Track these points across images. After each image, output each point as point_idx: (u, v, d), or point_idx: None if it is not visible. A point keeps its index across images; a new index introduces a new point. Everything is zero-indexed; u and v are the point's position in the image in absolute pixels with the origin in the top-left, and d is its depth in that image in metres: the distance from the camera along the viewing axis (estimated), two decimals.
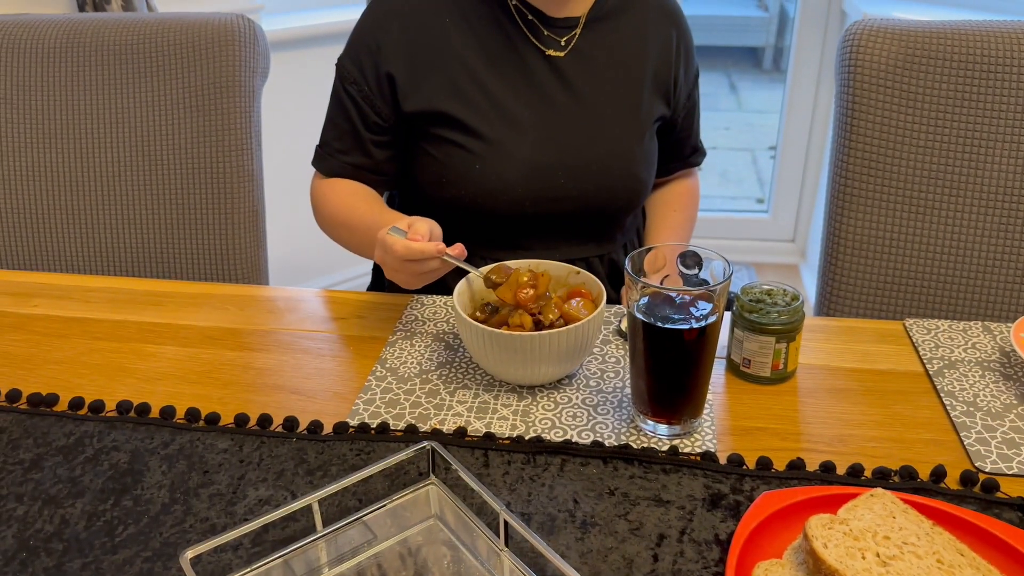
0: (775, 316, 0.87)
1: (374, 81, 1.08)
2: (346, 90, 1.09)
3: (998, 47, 1.07)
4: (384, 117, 1.09)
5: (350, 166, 1.11)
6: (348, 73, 1.09)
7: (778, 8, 5.18)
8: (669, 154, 1.22)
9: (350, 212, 1.09)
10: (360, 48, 1.09)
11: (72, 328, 1.02)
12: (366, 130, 1.09)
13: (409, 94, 1.07)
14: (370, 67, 1.08)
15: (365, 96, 1.08)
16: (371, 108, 1.08)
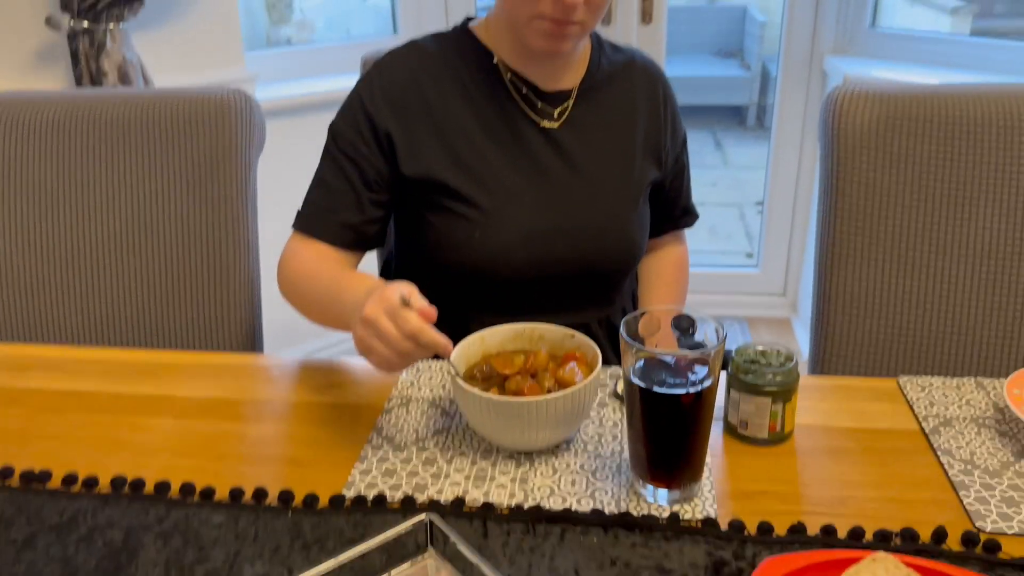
0: (770, 377, 0.88)
1: (372, 141, 1.08)
2: (341, 150, 1.09)
3: (976, 110, 1.10)
4: (382, 175, 1.09)
5: (338, 224, 1.08)
6: (343, 135, 1.09)
7: (760, 68, 5.31)
8: (660, 216, 1.24)
9: (314, 272, 1.05)
10: (357, 110, 1.09)
11: (67, 401, 1.02)
12: (363, 186, 1.08)
13: (407, 159, 1.08)
14: (367, 128, 1.08)
15: (362, 155, 1.08)
16: (368, 165, 1.08)
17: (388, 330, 0.81)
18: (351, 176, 1.09)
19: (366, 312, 0.82)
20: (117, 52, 1.82)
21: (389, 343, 0.81)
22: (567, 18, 0.99)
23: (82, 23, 1.79)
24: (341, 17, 2.73)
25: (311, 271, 1.06)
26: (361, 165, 1.08)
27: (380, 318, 0.81)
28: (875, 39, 2.40)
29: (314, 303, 1.05)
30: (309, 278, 1.06)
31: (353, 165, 1.08)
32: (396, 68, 1.11)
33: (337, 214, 1.09)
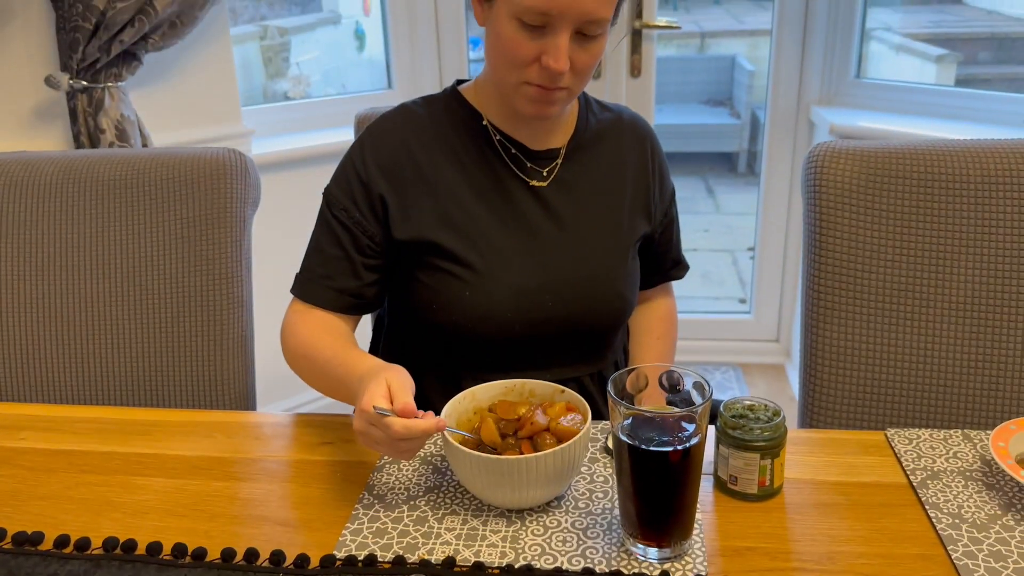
0: (758, 432, 0.89)
1: (366, 205, 1.10)
2: (335, 216, 1.11)
3: (953, 166, 1.13)
4: (376, 241, 1.10)
5: (334, 290, 1.11)
6: (337, 201, 1.11)
7: (749, 115, 5.39)
8: (650, 268, 1.26)
9: (314, 344, 1.07)
10: (350, 175, 1.11)
11: (59, 461, 1.02)
12: (357, 253, 1.10)
13: (400, 223, 1.10)
14: (361, 194, 1.10)
15: (356, 221, 1.10)
16: (361, 232, 1.10)
17: (379, 438, 0.86)
18: (345, 243, 1.10)
19: (355, 427, 0.88)
20: (115, 110, 1.85)
21: (386, 447, 0.87)
22: (554, 84, 1.01)
23: (81, 82, 1.82)
24: (336, 72, 2.78)
25: (311, 346, 1.07)
26: (355, 232, 1.10)
27: (368, 430, 0.86)
28: (861, 90, 2.45)
29: (317, 380, 1.07)
30: (309, 355, 1.07)
31: (347, 232, 1.10)
32: (387, 133, 1.13)
33: (333, 280, 1.10)
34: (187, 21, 1.88)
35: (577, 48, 1.00)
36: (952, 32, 3.59)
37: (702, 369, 2.81)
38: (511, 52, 1.00)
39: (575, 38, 0.99)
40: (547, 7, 0.96)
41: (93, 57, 1.80)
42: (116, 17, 1.75)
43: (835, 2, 2.40)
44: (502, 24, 1.00)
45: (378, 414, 0.84)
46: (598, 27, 0.99)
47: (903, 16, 2.91)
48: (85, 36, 1.78)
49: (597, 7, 0.97)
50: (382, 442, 0.86)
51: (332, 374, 1.02)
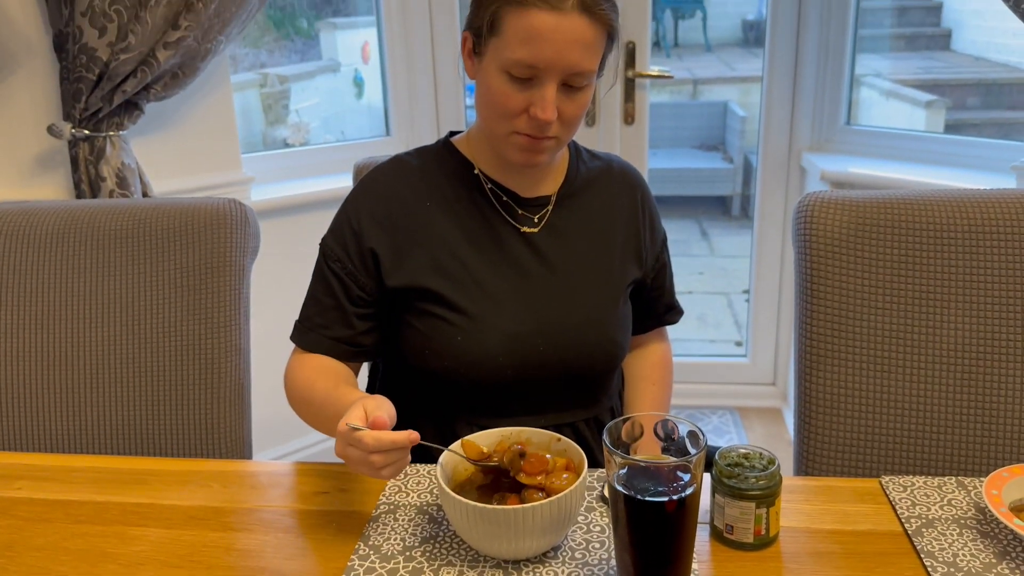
0: (753, 481, 0.89)
1: (358, 258, 1.13)
2: (330, 267, 1.14)
3: (941, 215, 1.15)
4: (367, 292, 1.13)
5: (329, 339, 1.13)
6: (332, 252, 1.14)
7: (742, 160, 5.46)
8: (644, 313, 1.27)
9: (311, 386, 1.10)
10: (344, 228, 1.15)
11: (55, 511, 1.02)
12: (349, 303, 1.13)
13: (392, 272, 1.12)
14: (353, 246, 1.13)
15: (348, 272, 1.13)
16: (355, 283, 1.13)
17: (355, 456, 0.88)
18: (338, 293, 1.13)
19: (336, 451, 0.90)
20: (116, 158, 1.88)
21: (363, 465, 0.88)
22: (542, 134, 1.05)
23: (83, 131, 1.85)
24: (336, 119, 2.82)
25: (308, 389, 1.10)
26: (347, 282, 1.13)
27: (345, 450, 0.89)
28: (851, 136, 2.49)
29: (316, 422, 1.10)
30: (306, 398, 1.10)
31: (340, 282, 1.13)
32: (380, 184, 1.16)
33: (329, 330, 1.14)
34: (189, 72, 1.91)
35: (564, 99, 1.03)
36: (941, 78, 3.66)
37: (699, 413, 2.81)
38: (500, 104, 1.04)
39: (562, 89, 1.03)
40: (534, 60, 1.00)
41: (96, 107, 1.83)
42: (119, 68, 1.78)
43: (824, 49, 2.45)
44: (491, 77, 1.04)
45: (351, 430, 0.87)
46: (583, 79, 1.03)
47: (892, 62, 2.97)
48: (88, 86, 1.81)
49: (581, 60, 1.01)
50: (360, 461, 0.88)
51: (325, 414, 1.04)
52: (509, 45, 1.01)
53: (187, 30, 1.80)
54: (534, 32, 0.99)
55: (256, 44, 2.63)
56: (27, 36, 1.86)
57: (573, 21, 0.99)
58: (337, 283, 1.13)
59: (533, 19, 0.99)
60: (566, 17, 0.99)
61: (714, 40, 7.81)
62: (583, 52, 1.01)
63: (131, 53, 1.77)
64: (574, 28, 0.99)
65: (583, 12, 0.99)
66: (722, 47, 7.80)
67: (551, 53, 0.99)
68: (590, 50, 1.01)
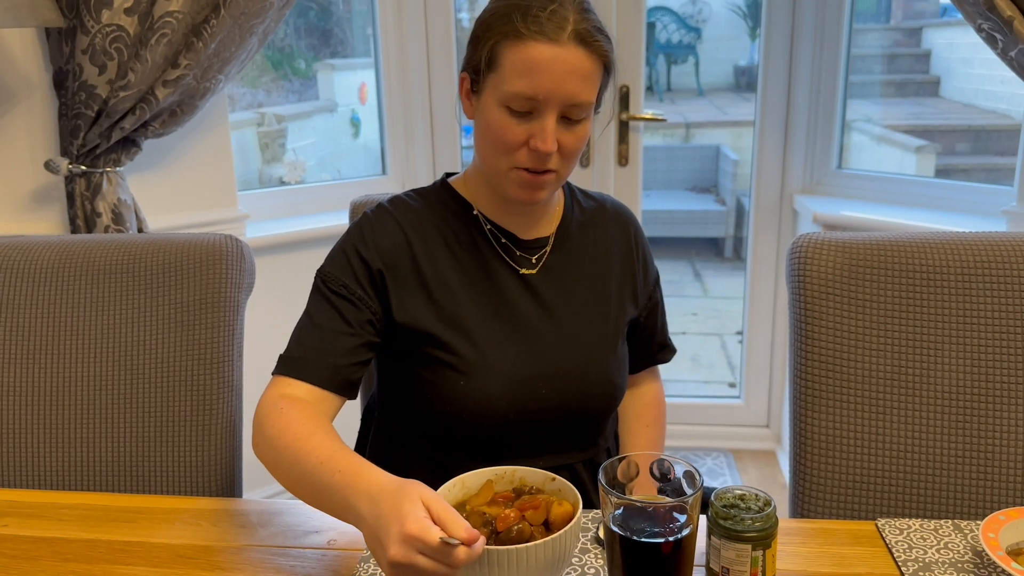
0: (749, 523, 0.88)
1: (366, 280, 1.09)
2: (332, 291, 1.08)
3: (934, 257, 1.16)
4: (374, 312, 1.08)
5: (331, 365, 1.05)
6: (334, 278, 1.09)
7: (734, 202, 5.51)
8: (636, 351, 1.27)
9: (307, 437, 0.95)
10: (349, 256, 1.10)
11: (42, 549, 1.00)
12: (359, 326, 1.07)
13: (397, 306, 1.10)
14: (361, 270, 1.09)
15: (355, 295, 1.08)
16: (361, 303, 1.08)
17: (429, 567, 0.78)
18: (348, 315, 1.07)
19: (394, 556, 0.78)
20: (112, 194, 1.88)
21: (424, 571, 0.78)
22: (543, 167, 1.05)
23: (80, 167, 1.86)
24: (332, 158, 2.84)
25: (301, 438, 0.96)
26: (356, 304, 1.08)
27: (414, 560, 0.78)
28: (842, 180, 2.52)
29: (297, 478, 0.95)
30: (294, 447, 0.95)
31: (347, 303, 1.08)
32: (384, 221, 1.14)
33: (329, 354, 1.06)
34: (187, 109, 1.93)
35: (563, 131, 1.05)
36: (931, 124, 3.71)
37: (692, 455, 2.79)
38: (501, 138, 1.05)
39: (561, 122, 1.04)
40: (533, 92, 1.01)
41: (93, 143, 1.84)
42: (118, 105, 1.80)
43: (816, 94, 2.49)
44: (491, 112, 1.05)
45: (444, 543, 0.76)
46: (582, 111, 1.04)
47: (883, 108, 3.01)
48: (87, 123, 1.82)
49: (580, 91, 1.02)
50: (428, 570, 0.77)
51: (323, 479, 0.90)
52: (508, 79, 1.02)
53: (187, 68, 1.82)
54: (532, 64, 1.00)
55: (254, 84, 2.66)
56: (27, 73, 1.88)
57: (570, 52, 1.01)
58: (343, 304, 1.07)
59: (531, 51, 1.00)
60: (563, 48, 1.00)
61: (706, 85, 7.94)
62: (581, 83, 1.02)
63: (130, 91, 1.79)
64: (571, 59, 1.01)
65: (580, 44, 1.01)
66: (714, 92, 7.91)
67: (550, 84, 1.01)
68: (588, 81, 1.03)
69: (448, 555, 0.76)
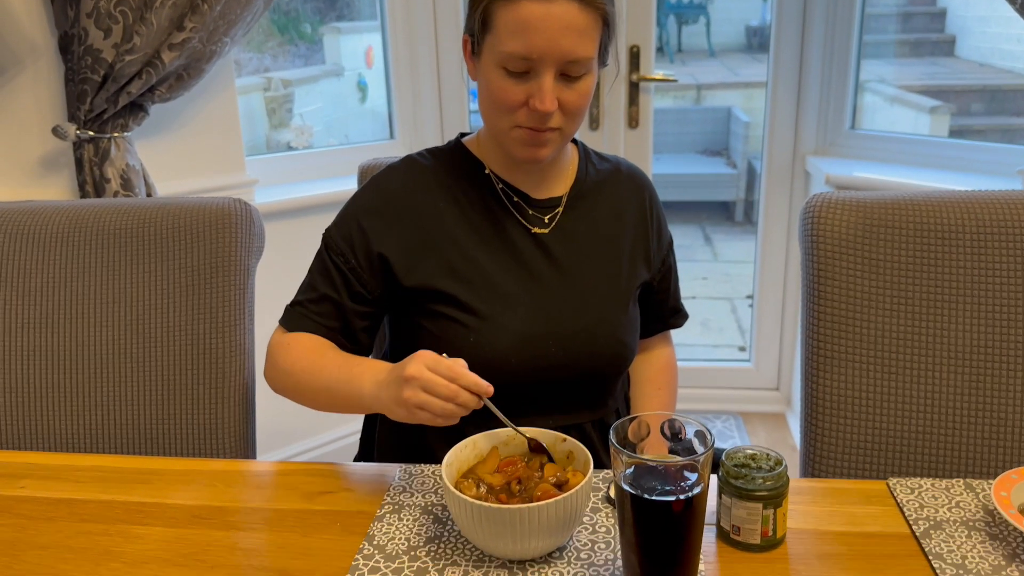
0: (760, 482, 0.88)
1: (364, 258, 1.12)
2: (332, 259, 1.14)
3: (949, 216, 1.15)
4: (369, 290, 1.13)
5: (325, 328, 1.13)
6: (336, 245, 1.14)
7: (746, 165, 5.45)
8: (649, 316, 1.27)
9: (319, 356, 1.09)
10: (352, 225, 1.14)
11: (59, 510, 1.02)
12: (349, 299, 1.13)
13: (405, 273, 1.12)
14: (360, 245, 1.13)
15: (351, 267, 1.12)
16: (356, 279, 1.12)
17: (431, 378, 0.91)
18: (338, 286, 1.13)
19: (409, 371, 0.92)
20: (120, 159, 1.88)
21: (435, 389, 0.91)
22: (544, 125, 1.05)
23: (88, 133, 1.85)
24: (339, 122, 2.82)
25: (314, 358, 1.09)
26: (349, 277, 1.13)
27: (423, 371, 0.92)
28: (855, 141, 2.49)
29: (321, 391, 1.08)
30: (312, 368, 1.08)
31: (341, 276, 1.13)
32: (394, 183, 1.16)
33: (324, 318, 1.13)
34: (193, 74, 1.92)
35: (564, 88, 1.03)
36: (945, 84, 3.65)
37: (703, 418, 2.80)
38: (499, 98, 1.04)
39: (560, 79, 1.03)
40: (526, 52, 1.00)
41: (100, 108, 1.83)
42: (124, 69, 1.79)
43: (829, 54, 2.45)
44: (489, 74, 1.04)
45: (440, 358, 0.93)
46: (581, 67, 1.03)
47: (897, 68, 2.97)
48: (93, 88, 1.81)
49: (575, 47, 1.01)
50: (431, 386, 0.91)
51: (345, 380, 1.04)
52: (502, 39, 1.01)
53: (192, 32, 1.81)
54: (524, 23, 0.99)
55: (260, 49, 2.64)
56: (32, 38, 1.86)
57: (562, 8, 0.99)
58: (338, 275, 1.13)
59: (522, 10, 0.99)
60: (555, 4, 0.99)
61: (718, 46, 7.82)
62: (576, 39, 1.00)
63: (136, 55, 1.78)
64: (564, 15, 0.99)
65: None
66: (726, 53, 7.80)
67: (543, 42, 0.99)
68: (584, 36, 1.01)
69: (445, 364, 0.91)
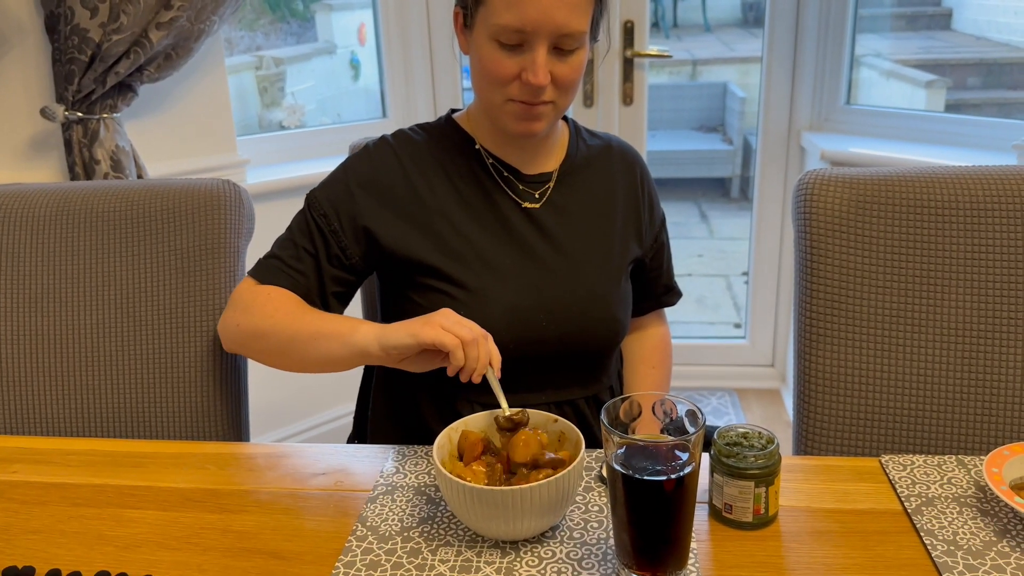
0: (752, 460, 0.88)
1: (348, 224, 1.11)
2: (314, 219, 1.12)
3: (942, 192, 1.14)
4: (348, 255, 1.12)
5: (302, 285, 1.11)
6: (319, 206, 1.13)
7: (741, 141, 5.43)
8: (642, 294, 1.27)
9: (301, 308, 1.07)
10: (339, 191, 1.13)
11: (51, 494, 1.02)
12: (327, 260, 1.12)
13: (393, 246, 1.11)
14: (346, 212, 1.12)
15: (332, 230, 1.11)
16: (336, 242, 1.11)
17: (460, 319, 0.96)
18: (318, 245, 1.12)
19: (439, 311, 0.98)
20: (110, 141, 1.86)
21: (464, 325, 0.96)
22: (536, 99, 1.04)
23: (76, 114, 1.83)
24: (332, 101, 2.80)
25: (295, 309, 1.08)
26: (329, 240, 1.12)
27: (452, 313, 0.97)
28: (851, 116, 2.48)
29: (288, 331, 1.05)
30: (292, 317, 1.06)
31: (321, 236, 1.12)
32: (383, 154, 1.15)
33: (302, 275, 1.11)
34: (182, 53, 1.90)
35: (557, 62, 1.03)
36: (941, 58, 3.63)
37: (697, 395, 2.81)
38: (492, 71, 1.04)
39: (553, 52, 1.02)
40: (520, 24, 0.99)
41: (89, 89, 1.81)
42: (112, 49, 1.77)
43: (824, 29, 2.43)
44: (482, 47, 1.04)
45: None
46: (574, 40, 1.02)
47: (892, 42, 2.94)
48: (81, 68, 1.79)
49: (569, 20, 1.00)
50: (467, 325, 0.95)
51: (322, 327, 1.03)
52: (495, 12, 1.00)
53: (180, 10, 1.78)
54: None
55: (251, 27, 2.61)
56: (18, 17, 1.84)
57: None
58: (319, 235, 1.12)
59: None
60: None
61: (713, 20, 7.77)
62: (569, 12, 1.00)
63: (123, 34, 1.76)
64: None
65: None
66: (721, 27, 7.75)
67: (536, 14, 0.98)
68: (577, 10, 1.00)
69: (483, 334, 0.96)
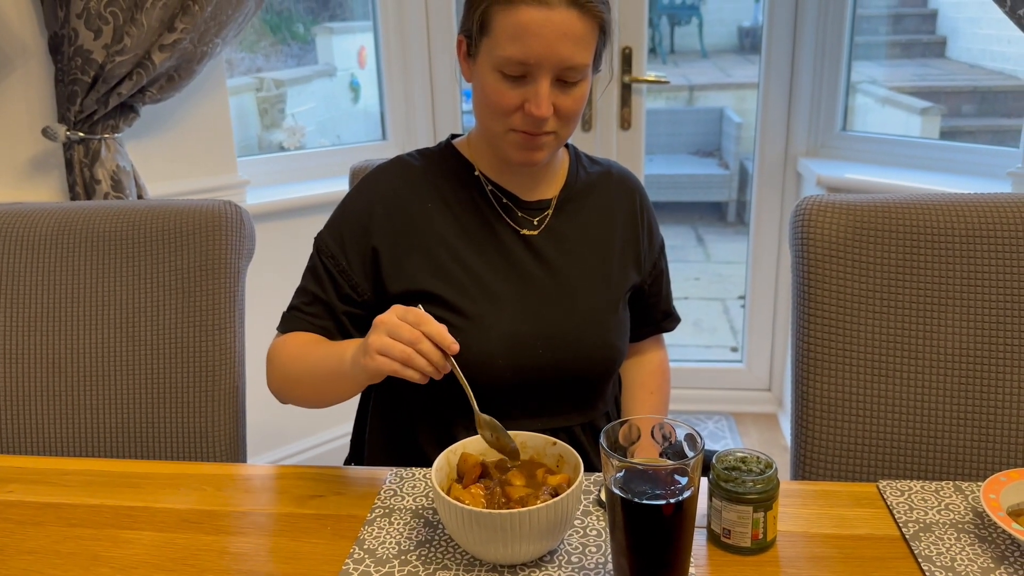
0: (751, 485, 0.88)
1: (356, 254, 1.13)
2: (322, 262, 1.14)
3: (938, 219, 1.15)
4: (359, 292, 1.13)
5: (319, 328, 1.14)
6: (327, 247, 1.14)
7: (737, 166, 5.47)
8: (640, 319, 1.27)
9: (307, 346, 1.10)
10: (343, 226, 1.14)
11: (47, 514, 1.01)
12: (339, 300, 1.13)
13: (393, 275, 1.12)
14: (352, 242, 1.13)
15: (341, 269, 1.13)
16: (346, 281, 1.13)
17: (395, 322, 0.92)
18: (327, 287, 1.14)
19: (378, 319, 0.94)
20: (111, 161, 1.87)
21: (399, 333, 0.91)
22: (539, 130, 1.05)
23: (78, 134, 1.84)
24: (332, 123, 2.82)
25: (303, 347, 1.11)
26: (338, 280, 1.13)
27: (390, 317, 0.93)
28: (847, 142, 2.50)
29: (305, 374, 1.09)
30: (300, 355, 1.10)
31: (330, 277, 1.14)
32: (383, 183, 1.16)
33: (318, 318, 1.14)
34: (184, 75, 1.91)
35: (559, 94, 1.04)
36: (936, 85, 3.67)
37: (694, 418, 2.80)
38: (495, 102, 1.04)
39: (556, 84, 1.03)
40: (524, 57, 1.00)
41: (91, 109, 1.82)
42: (115, 70, 1.78)
43: (820, 56, 2.45)
44: (485, 77, 1.05)
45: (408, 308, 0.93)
46: (577, 73, 1.03)
47: (888, 69, 2.98)
48: (83, 88, 1.80)
49: (573, 54, 1.01)
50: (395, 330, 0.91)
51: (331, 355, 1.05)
52: (500, 43, 1.01)
53: (183, 32, 1.80)
54: (523, 28, 0.99)
55: (252, 48, 2.63)
56: (22, 38, 1.85)
57: (562, 15, 0.99)
58: (327, 277, 1.14)
59: (521, 15, 0.99)
60: (554, 11, 0.99)
61: (710, 47, 7.84)
62: (574, 46, 1.01)
63: (126, 55, 1.77)
64: (563, 22, 0.99)
65: (572, 6, 1.00)
66: (718, 54, 7.83)
67: (541, 48, 1.00)
68: (581, 44, 1.02)
69: (411, 311, 0.92)
